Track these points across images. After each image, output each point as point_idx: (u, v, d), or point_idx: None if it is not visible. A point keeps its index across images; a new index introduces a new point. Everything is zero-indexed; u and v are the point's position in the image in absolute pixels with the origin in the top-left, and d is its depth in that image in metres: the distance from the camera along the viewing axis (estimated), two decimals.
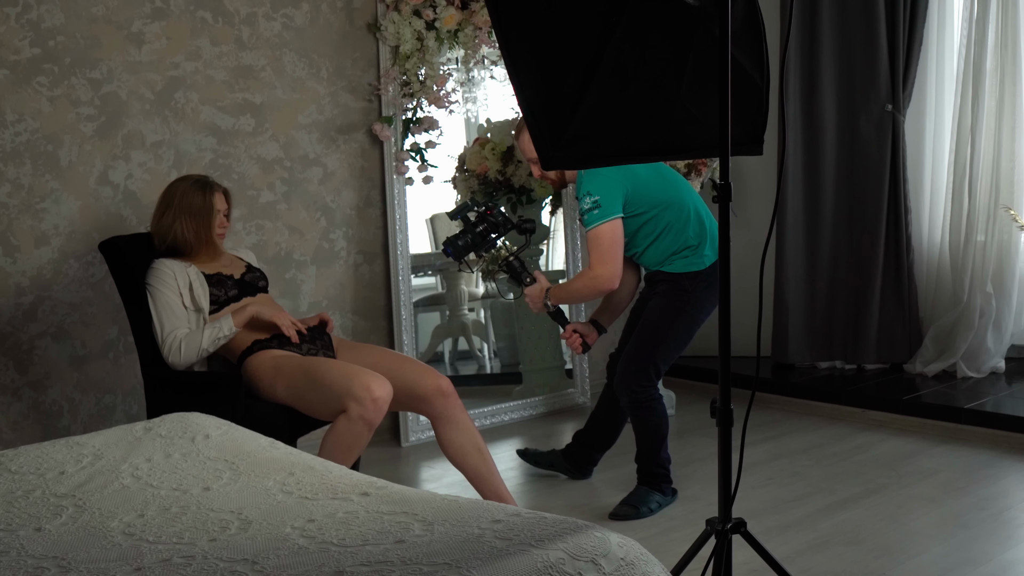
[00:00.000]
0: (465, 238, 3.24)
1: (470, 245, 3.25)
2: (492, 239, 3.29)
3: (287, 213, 3.97)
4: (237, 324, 3.00)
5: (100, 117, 3.47)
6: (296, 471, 2.00)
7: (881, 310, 4.68)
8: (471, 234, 3.25)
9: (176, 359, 2.97)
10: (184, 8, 3.64)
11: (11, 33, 3.26)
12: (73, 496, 1.93)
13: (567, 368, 4.75)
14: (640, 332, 3.24)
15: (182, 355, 2.97)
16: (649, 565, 1.61)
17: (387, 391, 2.82)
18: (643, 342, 3.22)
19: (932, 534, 2.99)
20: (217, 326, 2.99)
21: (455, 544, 1.56)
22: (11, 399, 3.33)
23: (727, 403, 2.22)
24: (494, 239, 3.30)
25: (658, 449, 3.27)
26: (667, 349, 3.22)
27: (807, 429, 4.20)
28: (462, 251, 3.25)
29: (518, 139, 3.39)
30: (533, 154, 3.23)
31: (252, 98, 3.84)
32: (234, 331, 3.00)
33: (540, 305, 3.31)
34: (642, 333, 3.23)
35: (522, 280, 3.32)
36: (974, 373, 4.48)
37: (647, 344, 3.21)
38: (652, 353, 3.20)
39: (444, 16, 4.04)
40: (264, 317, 3.05)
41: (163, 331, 2.99)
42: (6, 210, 3.29)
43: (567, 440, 3.72)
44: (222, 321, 3.00)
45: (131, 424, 2.34)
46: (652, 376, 3.21)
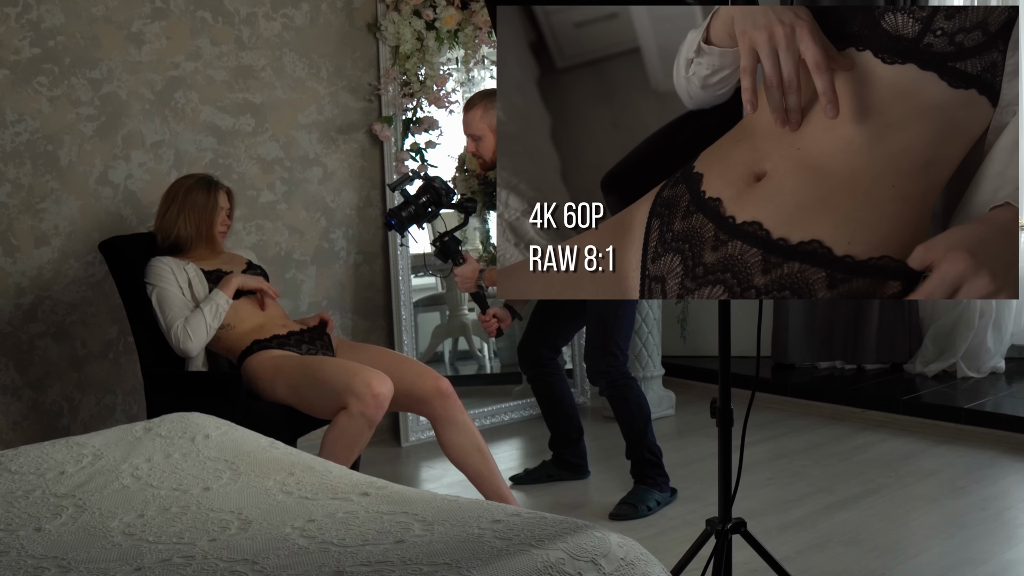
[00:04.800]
0: (408, 209, 3.23)
1: (414, 216, 3.24)
2: (435, 211, 3.29)
3: (287, 213, 3.97)
4: (228, 293, 3.06)
5: (100, 117, 3.47)
6: (296, 471, 2.00)
7: (881, 310, 4.68)
8: (414, 205, 3.23)
9: (186, 344, 2.98)
10: (184, 8, 3.64)
11: (11, 33, 3.26)
12: (73, 496, 1.92)
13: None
14: (590, 322, 3.36)
15: (192, 338, 2.98)
16: (649, 565, 1.61)
17: (388, 387, 2.83)
18: (596, 330, 3.34)
19: (932, 534, 2.99)
20: (212, 301, 3.03)
21: (455, 544, 1.56)
22: (11, 399, 3.33)
23: (727, 403, 2.22)
24: (437, 211, 3.30)
25: (645, 430, 3.31)
26: (620, 329, 3.33)
27: (807, 429, 4.20)
28: (406, 222, 3.24)
29: (468, 112, 3.36)
30: (478, 131, 3.30)
31: (252, 98, 3.84)
32: (229, 301, 3.05)
33: (472, 286, 3.33)
34: (592, 322, 3.35)
35: (456, 260, 3.32)
36: (974, 373, 4.48)
37: (600, 331, 3.33)
38: (608, 337, 3.31)
39: (444, 16, 4.04)
40: (249, 285, 3.11)
41: (166, 322, 3.00)
42: (6, 210, 3.29)
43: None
44: (213, 296, 3.04)
45: (131, 424, 2.34)
46: (617, 355, 3.32)
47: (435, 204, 3.26)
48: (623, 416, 3.33)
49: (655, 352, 4.46)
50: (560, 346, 3.61)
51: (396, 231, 3.27)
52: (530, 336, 3.58)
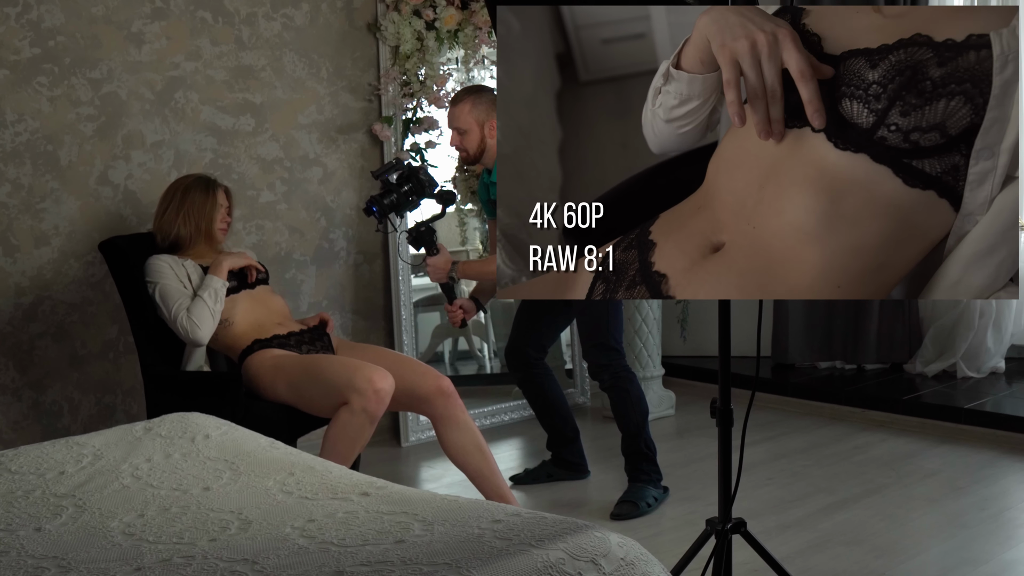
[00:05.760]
0: (390, 197, 3.24)
1: (395, 204, 3.26)
2: (416, 200, 3.32)
3: (287, 213, 3.97)
4: (222, 276, 3.06)
5: (100, 117, 3.47)
6: (296, 471, 2.00)
7: (881, 310, 4.68)
8: (396, 194, 3.25)
9: (196, 333, 2.99)
10: (184, 8, 3.64)
11: (11, 33, 3.26)
12: (73, 496, 1.93)
13: (567, 368, 4.75)
14: (582, 320, 3.40)
15: (200, 326, 2.99)
16: (649, 565, 1.61)
17: (389, 383, 2.83)
18: (590, 327, 3.37)
19: (932, 534, 2.99)
20: (208, 287, 3.03)
21: (455, 544, 1.56)
22: (11, 399, 3.33)
23: (727, 403, 2.22)
24: (418, 200, 3.33)
25: (644, 423, 3.34)
26: (612, 324, 3.36)
27: (807, 429, 4.20)
28: (387, 209, 3.26)
29: (455, 105, 3.36)
30: (464, 124, 3.30)
31: (252, 98, 3.84)
32: (225, 284, 3.06)
33: (443, 276, 3.36)
34: (584, 320, 3.39)
35: (430, 250, 3.33)
36: (974, 373, 4.48)
37: (594, 327, 3.36)
38: (605, 331, 3.35)
39: (444, 16, 4.04)
40: (238, 264, 3.13)
41: (171, 315, 3.00)
42: (6, 210, 3.29)
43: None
44: (208, 282, 3.04)
45: (131, 424, 2.34)
46: (618, 349, 3.37)
47: (417, 194, 3.29)
48: (623, 409, 3.35)
49: (655, 352, 4.46)
50: (546, 345, 3.62)
51: (376, 218, 3.29)
52: (516, 337, 3.59)
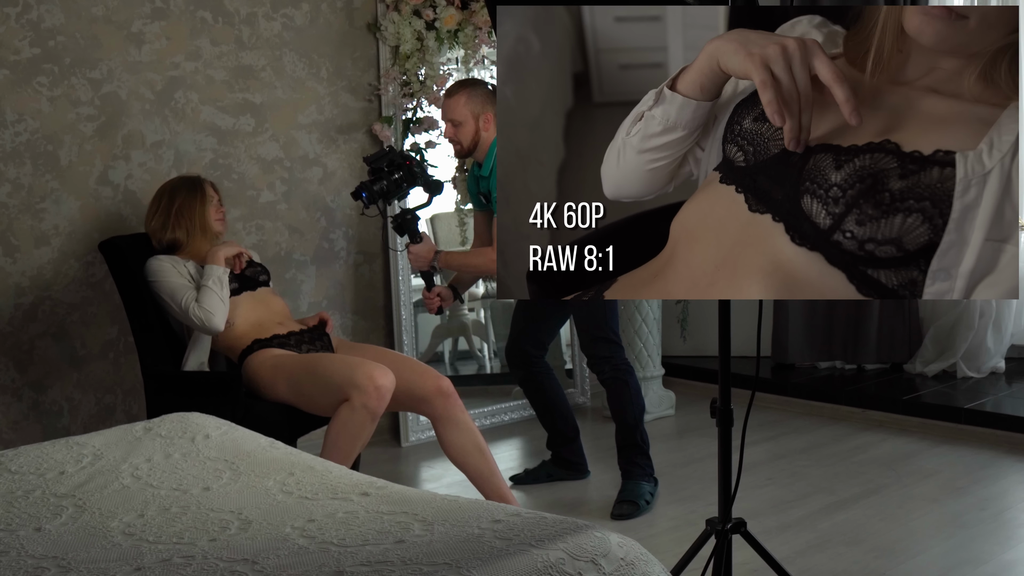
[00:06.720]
0: (381, 184, 3.28)
1: (384, 191, 3.29)
2: (406, 188, 3.35)
3: (287, 213, 3.97)
4: (219, 263, 3.07)
5: (100, 117, 3.47)
6: (296, 471, 2.00)
7: (881, 310, 4.68)
8: (387, 181, 3.28)
9: (211, 320, 3.00)
10: (184, 8, 3.64)
11: (11, 33, 3.26)
12: (73, 496, 1.93)
13: (567, 368, 4.75)
14: (581, 315, 3.42)
15: (214, 313, 2.99)
16: (649, 565, 1.61)
17: (390, 380, 2.83)
18: (588, 322, 3.39)
19: (932, 534, 2.99)
20: (210, 276, 3.04)
21: (455, 544, 1.56)
22: (11, 399, 3.33)
23: (727, 403, 2.22)
24: (408, 189, 3.36)
25: (640, 418, 3.37)
26: (607, 318, 3.39)
27: (807, 429, 4.20)
28: (376, 196, 3.28)
29: (450, 97, 3.36)
30: (459, 116, 3.31)
31: (252, 98, 3.84)
32: (226, 270, 3.08)
33: (424, 264, 3.37)
34: (583, 314, 3.41)
35: (413, 238, 3.34)
36: (974, 373, 4.48)
37: (593, 321, 3.38)
38: (603, 324, 3.37)
39: (444, 16, 4.04)
40: (231, 252, 3.14)
41: (181, 307, 3.01)
42: (6, 210, 3.29)
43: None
44: (208, 272, 3.05)
45: (131, 424, 2.34)
46: (617, 341, 3.40)
47: (407, 182, 3.32)
48: (621, 403, 3.37)
49: (655, 352, 4.46)
50: (545, 342, 3.63)
51: (365, 203, 3.31)
52: (514, 335, 3.59)
